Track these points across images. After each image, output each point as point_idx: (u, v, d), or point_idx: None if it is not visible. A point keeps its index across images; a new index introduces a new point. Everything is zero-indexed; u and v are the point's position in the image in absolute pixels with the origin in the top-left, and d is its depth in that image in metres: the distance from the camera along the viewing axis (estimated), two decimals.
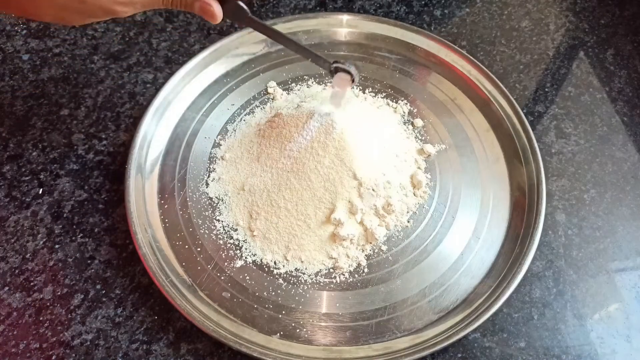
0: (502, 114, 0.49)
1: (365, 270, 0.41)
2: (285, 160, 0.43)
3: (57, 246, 0.42)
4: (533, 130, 0.47)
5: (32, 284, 0.41)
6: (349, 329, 0.39)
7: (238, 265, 0.41)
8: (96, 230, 0.43)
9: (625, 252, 0.43)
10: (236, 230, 0.43)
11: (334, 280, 0.41)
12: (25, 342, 0.38)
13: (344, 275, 0.41)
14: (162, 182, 0.45)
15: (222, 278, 0.40)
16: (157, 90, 0.49)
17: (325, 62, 0.42)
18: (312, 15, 0.55)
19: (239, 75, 0.51)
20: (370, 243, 0.42)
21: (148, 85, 0.51)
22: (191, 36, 0.55)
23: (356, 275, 0.41)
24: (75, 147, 0.47)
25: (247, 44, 0.53)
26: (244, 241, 0.42)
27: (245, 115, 0.49)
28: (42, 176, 0.46)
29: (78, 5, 0.37)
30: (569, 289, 0.41)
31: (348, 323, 0.39)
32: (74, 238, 0.43)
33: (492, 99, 0.50)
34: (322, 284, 0.40)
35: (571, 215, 0.45)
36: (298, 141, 0.43)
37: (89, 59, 0.53)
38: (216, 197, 0.44)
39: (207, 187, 0.45)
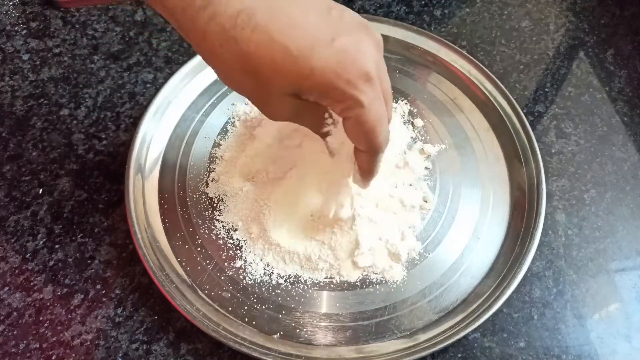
0: (502, 114, 0.49)
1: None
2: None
3: (57, 246, 0.42)
4: (533, 130, 0.47)
5: (32, 284, 0.41)
6: (349, 329, 0.39)
7: (238, 265, 0.41)
8: (96, 230, 0.43)
9: (625, 252, 0.43)
10: (236, 230, 0.42)
11: (334, 280, 0.41)
12: (25, 342, 0.38)
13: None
14: (162, 182, 0.45)
15: (222, 278, 0.40)
16: (157, 90, 0.49)
17: None
18: None
19: None
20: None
21: (148, 85, 0.51)
22: None
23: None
24: (75, 147, 0.47)
25: None
26: (244, 241, 0.42)
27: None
28: (42, 176, 0.46)
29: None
30: (569, 289, 0.41)
31: (348, 323, 0.39)
32: (74, 238, 0.43)
33: (492, 99, 0.49)
34: (322, 284, 0.40)
35: (571, 215, 0.45)
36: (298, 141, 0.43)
37: (89, 59, 0.53)
38: (216, 197, 0.44)
39: (207, 187, 0.45)
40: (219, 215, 0.43)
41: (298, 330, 0.39)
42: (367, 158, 0.34)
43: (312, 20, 0.28)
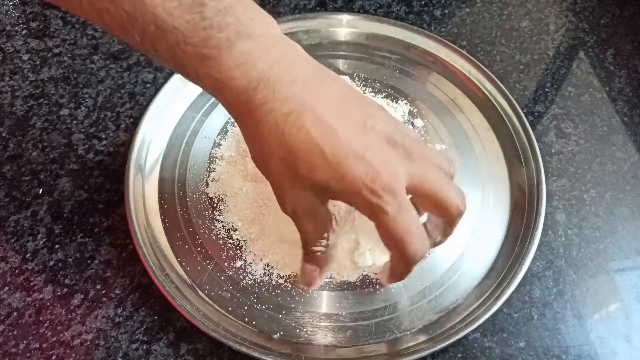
0: (502, 114, 0.49)
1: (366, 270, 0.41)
2: None
3: (57, 246, 0.42)
4: (533, 130, 0.47)
5: (32, 284, 0.41)
6: (349, 329, 0.39)
7: (238, 265, 0.41)
8: (96, 230, 0.43)
9: (625, 252, 0.43)
10: (236, 230, 0.42)
11: (334, 280, 0.41)
12: (25, 342, 0.38)
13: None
14: (162, 182, 0.45)
15: (222, 278, 0.40)
16: (157, 90, 0.49)
17: None
18: (312, 15, 0.55)
19: None
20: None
21: (148, 85, 0.51)
22: None
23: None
24: (75, 147, 0.47)
25: None
26: (244, 241, 0.42)
27: None
28: (42, 176, 0.46)
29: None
30: (569, 289, 0.41)
31: (348, 323, 0.39)
32: (74, 238, 0.43)
33: (492, 99, 0.50)
34: (322, 284, 0.40)
35: (571, 215, 0.45)
36: None
37: (89, 59, 0.53)
38: (216, 197, 0.44)
39: (207, 187, 0.45)
40: (219, 215, 0.43)
41: (298, 330, 0.39)
42: (398, 264, 0.35)
43: (349, 131, 0.32)
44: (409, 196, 0.33)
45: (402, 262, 0.35)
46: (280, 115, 0.32)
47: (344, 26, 0.54)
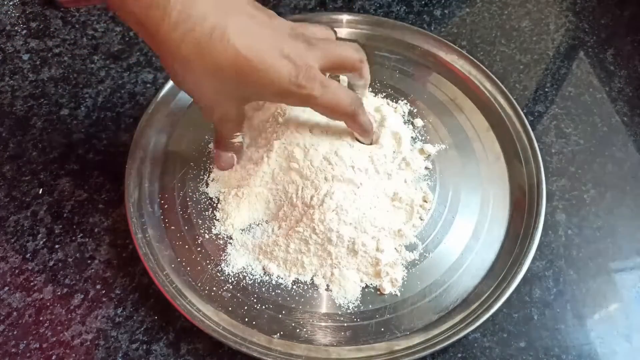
0: (502, 114, 0.49)
1: None
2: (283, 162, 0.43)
3: (57, 246, 0.42)
4: (533, 130, 0.47)
5: (32, 284, 0.41)
6: (349, 329, 0.39)
7: (238, 265, 0.41)
8: (96, 230, 0.43)
9: (625, 252, 0.43)
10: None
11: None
12: (25, 342, 0.38)
13: None
14: (162, 182, 0.45)
15: (222, 278, 0.40)
16: (157, 90, 0.49)
17: None
18: (312, 15, 0.55)
19: None
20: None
21: (148, 85, 0.51)
22: None
23: None
24: (75, 147, 0.47)
25: None
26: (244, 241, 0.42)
27: None
28: (42, 176, 0.46)
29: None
30: (569, 289, 0.41)
31: (348, 323, 0.39)
32: (74, 238, 0.43)
33: (492, 99, 0.49)
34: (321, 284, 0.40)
35: (571, 215, 0.45)
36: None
37: (89, 59, 0.53)
38: (216, 197, 0.44)
39: (207, 187, 0.45)
40: (219, 215, 0.43)
41: (298, 330, 0.39)
42: (352, 124, 0.40)
43: (265, 36, 0.35)
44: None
45: (352, 119, 0.39)
46: (202, 34, 0.33)
47: (344, 26, 0.54)
